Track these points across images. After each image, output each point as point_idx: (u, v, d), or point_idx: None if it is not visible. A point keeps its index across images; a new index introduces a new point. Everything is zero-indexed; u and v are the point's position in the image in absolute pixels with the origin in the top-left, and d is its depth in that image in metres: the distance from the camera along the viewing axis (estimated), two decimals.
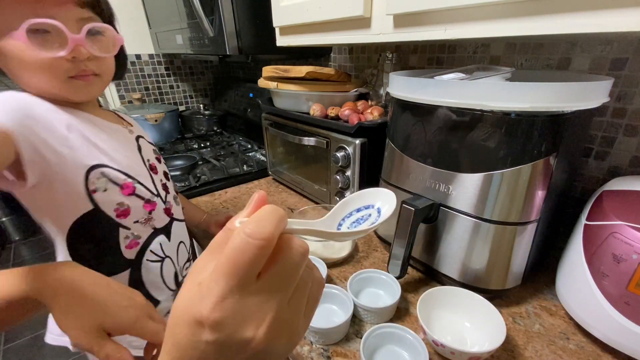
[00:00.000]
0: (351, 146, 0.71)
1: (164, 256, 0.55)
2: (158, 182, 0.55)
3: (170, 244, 0.56)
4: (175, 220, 0.57)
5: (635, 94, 0.59)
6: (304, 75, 0.77)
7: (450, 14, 0.46)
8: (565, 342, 0.48)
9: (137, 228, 0.50)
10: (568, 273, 0.50)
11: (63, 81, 0.42)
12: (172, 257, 0.56)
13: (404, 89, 0.54)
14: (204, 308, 0.17)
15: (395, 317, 0.53)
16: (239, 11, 0.86)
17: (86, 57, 0.42)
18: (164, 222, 0.55)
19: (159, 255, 0.54)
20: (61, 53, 0.40)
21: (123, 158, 0.48)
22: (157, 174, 0.55)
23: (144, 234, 0.52)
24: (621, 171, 0.63)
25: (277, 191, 1.01)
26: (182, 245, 0.60)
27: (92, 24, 0.42)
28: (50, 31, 0.39)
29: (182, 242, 0.60)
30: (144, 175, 0.52)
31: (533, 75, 0.61)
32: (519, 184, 0.47)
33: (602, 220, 0.45)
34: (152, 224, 0.53)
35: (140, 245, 0.51)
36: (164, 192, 0.55)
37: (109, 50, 0.46)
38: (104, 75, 0.47)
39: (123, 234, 0.49)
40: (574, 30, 0.36)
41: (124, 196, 0.48)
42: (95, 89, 0.47)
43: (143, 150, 0.54)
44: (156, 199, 0.53)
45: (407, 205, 0.53)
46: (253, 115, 1.34)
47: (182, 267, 0.60)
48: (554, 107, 0.42)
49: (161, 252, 0.54)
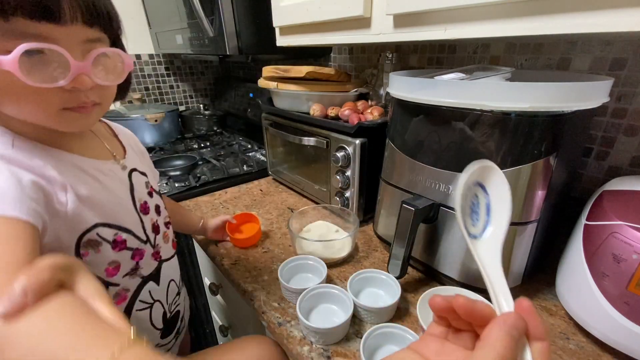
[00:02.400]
0: (351, 146, 0.71)
1: (153, 301, 0.52)
2: (148, 224, 0.49)
3: (160, 287, 0.52)
4: (163, 262, 0.53)
5: (635, 94, 0.59)
6: (304, 75, 0.77)
7: (450, 14, 0.46)
8: (565, 342, 0.48)
9: (126, 281, 0.46)
10: (568, 273, 0.50)
11: (55, 113, 0.34)
12: (161, 300, 0.53)
13: (404, 89, 0.54)
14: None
15: (395, 317, 0.53)
16: (239, 11, 0.86)
17: (89, 87, 0.35)
18: (152, 268, 0.50)
19: (148, 302, 0.51)
20: (60, 83, 0.32)
21: (115, 207, 0.42)
22: (148, 214, 0.49)
23: (132, 285, 0.47)
24: (621, 171, 0.63)
25: (277, 191, 1.01)
26: (172, 283, 0.57)
27: (101, 50, 0.35)
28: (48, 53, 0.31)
29: (172, 280, 0.56)
30: (134, 221, 0.46)
31: (533, 75, 0.61)
32: (519, 184, 0.47)
33: (602, 220, 0.45)
34: (140, 273, 0.48)
35: (128, 299, 0.47)
36: (153, 234, 0.50)
37: (117, 77, 0.38)
38: (105, 103, 0.39)
39: (112, 292, 0.44)
40: (574, 30, 0.36)
41: (115, 253, 0.43)
42: (93, 119, 0.39)
43: (136, 190, 0.48)
44: (144, 246, 0.48)
45: (407, 205, 0.53)
46: (253, 115, 1.34)
47: (172, 303, 0.57)
48: (554, 107, 0.42)
49: (150, 298, 0.51)
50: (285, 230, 0.79)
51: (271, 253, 0.71)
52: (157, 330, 0.54)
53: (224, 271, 0.67)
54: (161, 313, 0.54)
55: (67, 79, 0.32)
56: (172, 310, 0.57)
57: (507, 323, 0.21)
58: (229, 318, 0.90)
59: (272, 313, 0.55)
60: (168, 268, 0.55)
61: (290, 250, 0.72)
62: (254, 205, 0.92)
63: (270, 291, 0.60)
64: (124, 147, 0.51)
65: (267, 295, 0.59)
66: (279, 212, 0.87)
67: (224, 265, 0.68)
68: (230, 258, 0.69)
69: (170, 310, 0.57)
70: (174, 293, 0.58)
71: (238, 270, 0.66)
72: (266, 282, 0.62)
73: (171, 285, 0.56)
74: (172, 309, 0.57)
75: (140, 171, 0.51)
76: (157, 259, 0.51)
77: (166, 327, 0.55)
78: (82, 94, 0.35)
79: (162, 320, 0.54)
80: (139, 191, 0.48)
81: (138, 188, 0.48)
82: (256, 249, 0.72)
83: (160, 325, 0.54)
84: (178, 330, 0.60)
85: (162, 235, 0.53)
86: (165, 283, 0.54)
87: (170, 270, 0.56)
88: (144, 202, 0.49)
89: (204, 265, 0.95)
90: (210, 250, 0.73)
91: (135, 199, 0.47)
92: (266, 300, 0.58)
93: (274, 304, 0.57)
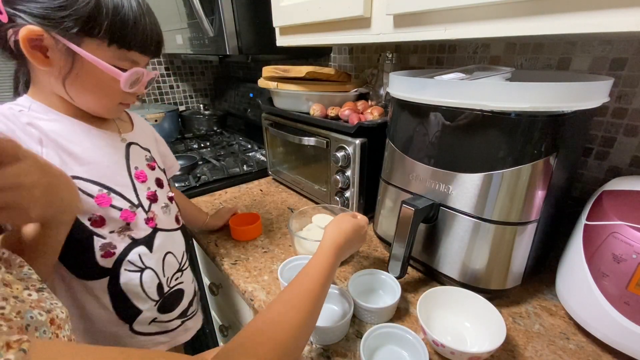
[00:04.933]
0: (351, 146, 0.71)
1: (144, 267, 0.53)
2: (143, 190, 0.54)
3: (153, 255, 0.54)
4: (160, 231, 0.56)
5: (635, 94, 0.59)
6: (304, 75, 0.77)
7: (450, 14, 0.46)
8: (565, 342, 0.48)
9: (113, 238, 0.50)
10: (568, 273, 0.50)
11: (114, 106, 0.50)
12: (154, 268, 0.55)
13: (404, 89, 0.54)
14: (363, 224, 0.54)
15: (395, 317, 0.53)
16: (239, 11, 0.86)
17: (143, 92, 0.52)
18: (145, 233, 0.53)
19: (138, 266, 0.53)
20: (134, 89, 0.49)
21: (102, 168, 0.49)
22: (144, 182, 0.54)
23: (120, 244, 0.51)
24: (621, 171, 0.63)
25: (277, 191, 1.01)
26: (170, 256, 0.58)
27: (155, 73, 0.53)
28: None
29: (170, 252, 0.58)
30: (125, 185, 0.51)
31: (533, 75, 0.61)
32: (519, 184, 0.47)
33: (602, 220, 0.45)
34: (130, 235, 0.52)
35: (116, 256, 0.50)
36: (148, 201, 0.54)
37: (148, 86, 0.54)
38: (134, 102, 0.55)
39: (98, 243, 0.49)
40: (574, 30, 0.36)
41: (97, 207, 0.48)
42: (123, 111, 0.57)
43: (131, 158, 0.54)
44: (136, 210, 0.52)
45: (407, 205, 0.53)
46: (253, 115, 1.34)
47: (170, 278, 0.58)
48: (554, 107, 0.42)
49: (140, 263, 0.53)
50: (285, 230, 0.79)
51: (271, 253, 0.71)
52: (152, 301, 0.55)
53: (224, 271, 0.67)
54: (156, 283, 0.55)
55: (139, 87, 0.50)
56: (171, 285, 0.58)
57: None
58: (229, 318, 0.90)
59: None
60: (166, 239, 0.57)
61: (290, 250, 0.72)
62: (254, 205, 0.92)
63: (270, 291, 0.60)
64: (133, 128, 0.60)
65: (267, 295, 0.59)
66: (279, 212, 0.87)
67: (224, 265, 0.68)
68: (230, 258, 0.69)
69: (169, 284, 0.58)
70: (174, 268, 0.59)
71: (238, 270, 0.66)
72: (266, 282, 0.62)
73: (168, 258, 0.57)
74: (171, 283, 0.58)
75: (143, 147, 0.58)
76: (152, 226, 0.55)
77: (165, 301, 0.57)
78: (133, 96, 0.51)
79: (157, 291, 0.56)
80: (135, 160, 0.55)
81: (135, 158, 0.55)
82: (256, 249, 0.72)
83: (155, 297, 0.56)
84: (184, 313, 0.62)
85: (160, 205, 0.57)
86: (161, 254, 0.56)
87: (169, 242, 0.58)
88: (140, 172, 0.55)
89: (204, 265, 0.95)
90: (210, 250, 0.73)
91: (129, 166, 0.53)
92: (266, 300, 0.57)
93: None
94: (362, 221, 0.54)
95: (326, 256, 0.45)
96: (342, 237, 0.48)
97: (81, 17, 0.40)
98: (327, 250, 0.46)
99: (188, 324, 0.63)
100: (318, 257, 0.45)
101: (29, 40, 0.40)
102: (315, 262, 0.44)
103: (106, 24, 0.41)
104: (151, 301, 0.55)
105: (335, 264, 0.46)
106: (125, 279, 0.52)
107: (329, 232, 0.49)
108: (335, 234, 0.48)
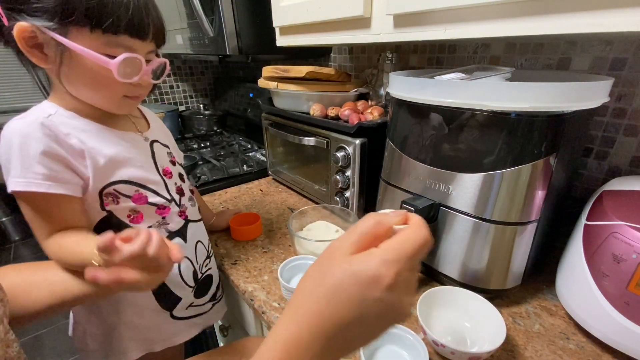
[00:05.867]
0: (351, 146, 0.71)
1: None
2: (172, 186, 0.56)
3: (187, 244, 0.58)
4: (190, 222, 0.58)
5: (635, 94, 0.59)
6: (304, 75, 0.77)
7: (450, 14, 0.46)
8: (565, 342, 0.48)
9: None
10: (568, 273, 0.50)
11: (119, 100, 0.47)
12: (189, 257, 0.58)
13: (404, 89, 0.54)
14: (386, 273, 0.23)
15: None
16: (239, 11, 0.86)
17: (148, 84, 0.48)
18: (179, 225, 0.56)
19: None
20: (134, 79, 0.45)
21: (137, 169, 0.50)
22: (171, 178, 0.56)
23: None
24: (621, 171, 0.63)
25: (277, 191, 1.01)
26: (200, 244, 0.61)
27: (160, 60, 0.49)
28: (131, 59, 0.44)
29: (200, 241, 0.61)
30: (157, 182, 0.53)
31: (533, 75, 0.61)
32: (519, 184, 0.47)
33: (602, 220, 0.45)
34: (167, 228, 0.54)
35: None
36: (177, 195, 0.56)
37: (159, 78, 0.51)
38: (145, 95, 0.52)
39: None
40: (574, 30, 0.36)
41: (136, 204, 0.50)
42: (135, 106, 0.53)
43: (157, 156, 0.55)
44: (170, 204, 0.54)
45: (407, 205, 0.53)
46: (253, 115, 1.34)
47: (202, 265, 0.61)
48: (554, 107, 0.42)
49: None
50: (285, 230, 0.79)
51: (271, 253, 0.71)
52: (189, 287, 0.59)
53: (224, 271, 0.67)
54: (191, 271, 0.59)
55: (139, 77, 0.45)
56: (203, 272, 0.62)
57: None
58: (229, 318, 0.90)
59: (272, 313, 0.55)
60: (196, 229, 0.60)
61: (290, 250, 0.72)
62: (254, 205, 0.92)
63: (270, 291, 0.60)
64: (149, 124, 0.59)
65: (267, 295, 0.59)
66: (279, 212, 0.87)
67: (224, 265, 0.68)
68: (230, 258, 0.69)
69: (202, 270, 0.61)
70: (204, 255, 0.62)
71: (238, 270, 0.66)
72: (266, 282, 0.62)
73: (199, 246, 0.61)
74: (203, 270, 0.62)
75: (162, 143, 0.59)
76: (184, 218, 0.57)
77: (199, 287, 0.61)
78: (139, 88, 0.48)
79: (193, 278, 0.59)
80: (160, 157, 0.56)
81: (159, 155, 0.56)
82: (256, 249, 0.72)
83: (191, 283, 0.59)
84: (214, 296, 0.66)
85: (187, 197, 0.59)
86: (193, 243, 0.59)
87: (199, 231, 0.61)
88: (166, 168, 0.56)
89: None
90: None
91: (157, 164, 0.54)
92: (266, 300, 0.58)
93: (274, 304, 0.57)
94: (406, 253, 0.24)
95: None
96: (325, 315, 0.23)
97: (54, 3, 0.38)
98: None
99: (217, 307, 0.68)
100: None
101: (24, 39, 0.40)
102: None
103: (83, 7, 0.38)
104: (188, 287, 0.59)
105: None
106: None
107: (299, 297, 0.25)
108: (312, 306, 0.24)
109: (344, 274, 0.24)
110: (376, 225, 0.27)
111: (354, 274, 0.23)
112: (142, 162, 0.52)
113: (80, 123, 0.46)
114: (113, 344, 0.56)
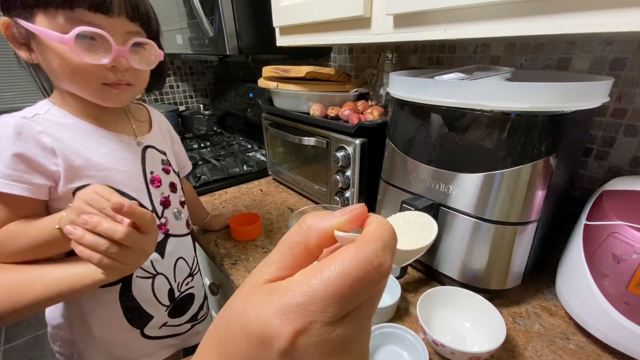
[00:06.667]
0: (351, 146, 0.71)
1: (155, 273, 0.53)
2: (157, 196, 0.53)
3: (164, 260, 0.54)
4: (171, 237, 0.55)
5: (635, 94, 0.59)
6: (304, 75, 0.77)
7: (450, 14, 0.46)
8: (565, 342, 0.48)
9: None
10: (568, 273, 0.50)
11: (97, 87, 0.44)
12: (165, 274, 0.55)
13: (404, 89, 0.54)
14: (279, 330, 0.14)
15: (395, 317, 0.53)
16: (239, 11, 0.86)
17: (125, 68, 0.44)
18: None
19: (150, 272, 0.52)
20: (104, 61, 0.41)
21: (118, 173, 0.48)
22: (158, 187, 0.54)
23: None
24: (621, 171, 0.63)
25: (277, 191, 1.01)
26: (182, 261, 0.58)
27: (137, 39, 0.44)
28: (97, 39, 0.41)
29: (182, 257, 0.58)
30: (140, 190, 0.51)
31: (533, 75, 0.61)
32: (519, 184, 0.47)
33: (602, 220, 0.45)
34: None
35: None
36: (161, 207, 0.54)
37: (148, 64, 0.47)
38: (137, 85, 0.48)
39: None
40: (574, 30, 0.36)
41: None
42: (126, 97, 0.48)
43: (147, 163, 0.52)
44: None
45: (407, 206, 0.53)
46: (253, 115, 1.34)
47: (181, 283, 0.58)
48: (554, 107, 0.42)
49: (152, 269, 0.53)
50: (285, 230, 0.79)
51: None
52: (163, 306, 0.55)
53: (224, 271, 0.67)
54: (167, 289, 0.55)
55: (109, 58, 0.41)
56: (182, 290, 0.58)
57: None
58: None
59: None
60: (177, 244, 0.57)
61: None
62: (254, 205, 0.92)
63: None
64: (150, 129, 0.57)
65: None
66: (279, 212, 0.87)
67: (224, 265, 0.68)
68: (230, 258, 0.69)
69: (180, 289, 0.58)
70: (185, 273, 0.59)
71: (238, 270, 0.66)
72: None
73: (180, 263, 0.57)
74: (182, 288, 0.58)
75: (159, 149, 0.56)
76: (164, 232, 0.54)
77: (175, 306, 0.57)
78: (119, 73, 0.44)
79: (169, 296, 0.55)
80: (150, 164, 0.53)
81: (150, 162, 0.53)
82: (256, 249, 0.72)
83: (166, 302, 0.55)
84: (195, 317, 0.62)
85: (172, 211, 0.56)
86: (172, 259, 0.56)
87: (180, 247, 0.58)
88: (155, 177, 0.53)
89: (204, 265, 0.95)
90: (210, 250, 0.73)
91: (145, 171, 0.52)
92: None
93: None
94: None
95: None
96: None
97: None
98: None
99: (198, 328, 0.64)
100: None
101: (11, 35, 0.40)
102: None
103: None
104: (162, 306, 0.55)
105: None
106: (138, 286, 0.51)
107: (206, 335, 0.19)
108: (203, 352, 0.19)
109: (235, 323, 0.16)
110: (306, 231, 0.18)
111: (244, 325, 0.16)
112: (127, 167, 0.49)
113: (70, 121, 0.45)
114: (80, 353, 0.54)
